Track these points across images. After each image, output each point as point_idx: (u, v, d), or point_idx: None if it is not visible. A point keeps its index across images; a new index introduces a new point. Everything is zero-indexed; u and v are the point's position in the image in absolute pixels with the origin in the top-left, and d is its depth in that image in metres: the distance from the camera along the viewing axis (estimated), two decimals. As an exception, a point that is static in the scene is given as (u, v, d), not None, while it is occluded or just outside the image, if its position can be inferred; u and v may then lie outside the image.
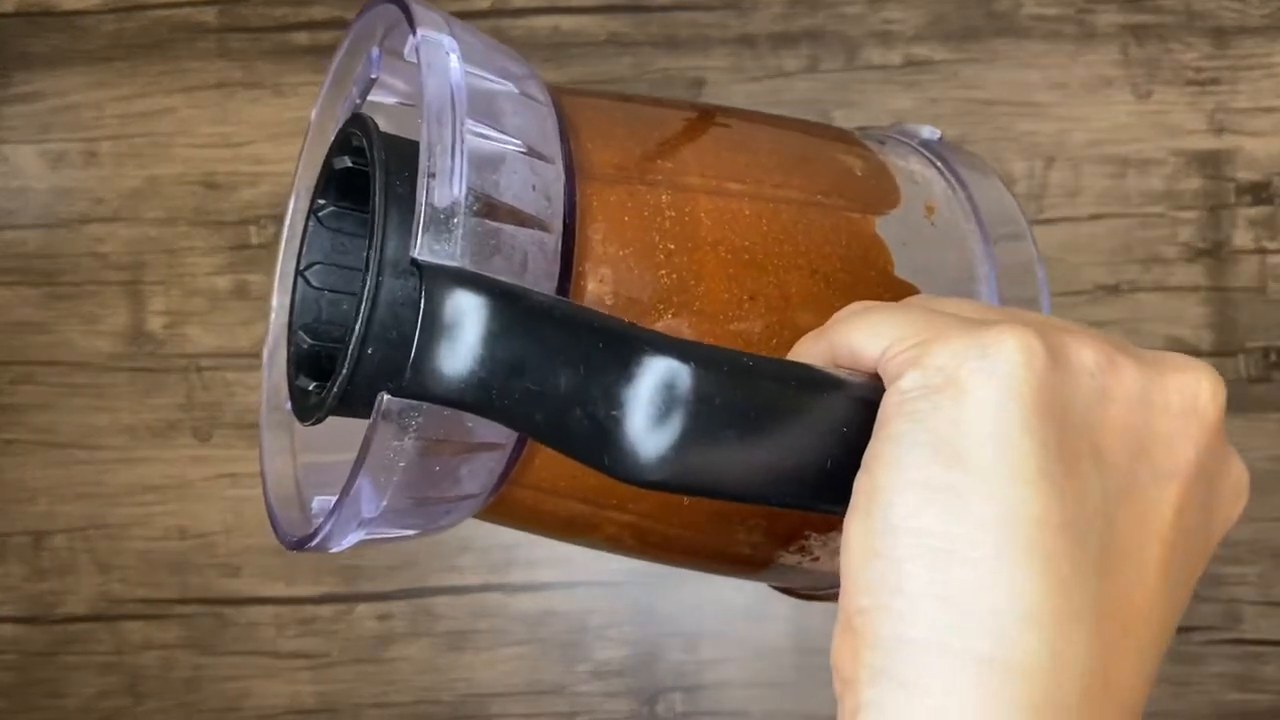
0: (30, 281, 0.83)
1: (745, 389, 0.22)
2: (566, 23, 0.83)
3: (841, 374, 0.23)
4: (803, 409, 0.22)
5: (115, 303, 0.83)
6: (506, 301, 0.22)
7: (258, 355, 0.83)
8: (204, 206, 0.83)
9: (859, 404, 0.23)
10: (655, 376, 0.21)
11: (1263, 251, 0.80)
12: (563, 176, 0.27)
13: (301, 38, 0.83)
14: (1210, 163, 0.81)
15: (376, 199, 0.25)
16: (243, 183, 0.83)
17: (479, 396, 0.22)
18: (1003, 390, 0.21)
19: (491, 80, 0.26)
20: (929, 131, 0.37)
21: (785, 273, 0.28)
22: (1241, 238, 0.80)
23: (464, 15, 0.83)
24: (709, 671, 0.80)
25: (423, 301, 0.22)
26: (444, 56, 0.25)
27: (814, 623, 0.80)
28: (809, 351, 0.25)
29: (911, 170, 0.33)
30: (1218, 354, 0.80)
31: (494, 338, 0.21)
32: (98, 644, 0.82)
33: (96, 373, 0.83)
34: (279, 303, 0.38)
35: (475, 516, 0.35)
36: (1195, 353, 0.79)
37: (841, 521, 0.24)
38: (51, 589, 0.82)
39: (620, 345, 0.21)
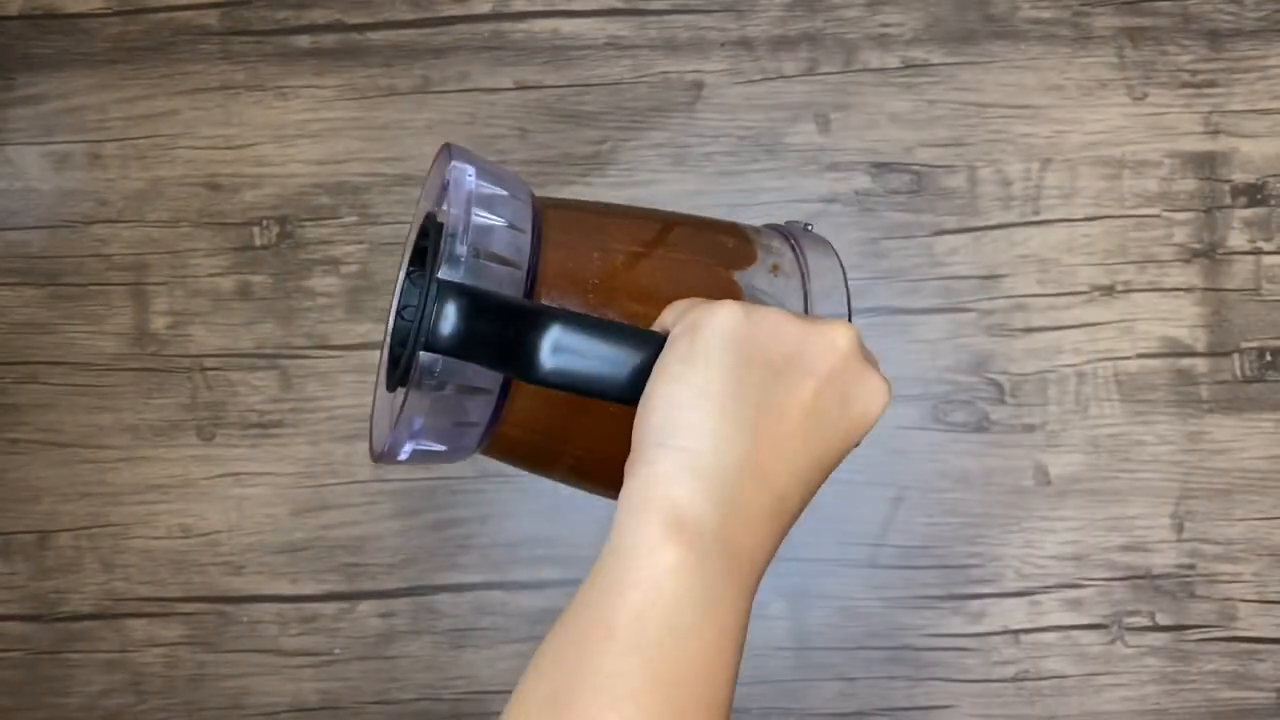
0: (34, 282, 0.84)
1: (593, 335, 0.40)
2: (566, 26, 0.83)
3: (645, 330, 0.42)
4: (624, 343, 0.40)
5: (119, 303, 0.83)
6: (475, 297, 0.40)
7: (261, 355, 0.84)
8: (207, 208, 0.83)
9: (656, 342, 0.41)
10: (548, 330, 0.40)
11: (1257, 252, 0.81)
12: (529, 240, 0.47)
13: (303, 41, 0.84)
14: (1205, 164, 0.81)
15: (431, 258, 0.46)
16: (245, 184, 0.83)
17: (461, 347, 0.39)
18: (716, 329, 0.39)
19: (494, 189, 0.47)
20: (802, 224, 0.57)
21: (668, 299, 0.45)
22: (1236, 239, 0.81)
23: (466, 20, 0.84)
24: (708, 669, 0.80)
25: (434, 295, 0.39)
26: (465, 178, 0.47)
27: (813, 622, 0.80)
28: (654, 323, 0.44)
29: (771, 245, 0.54)
30: (1213, 354, 0.80)
31: (468, 315, 0.39)
32: (101, 642, 0.82)
33: (100, 373, 0.83)
34: (386, 339, 0.56)
35: (484, 454, 0.51)
36: (1190, 353, 0.80)
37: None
38: (56, 587, 0.83)
39: (533, 315, 0.40)
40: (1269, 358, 0.80)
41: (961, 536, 0.80)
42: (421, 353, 0.42)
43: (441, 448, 0.47)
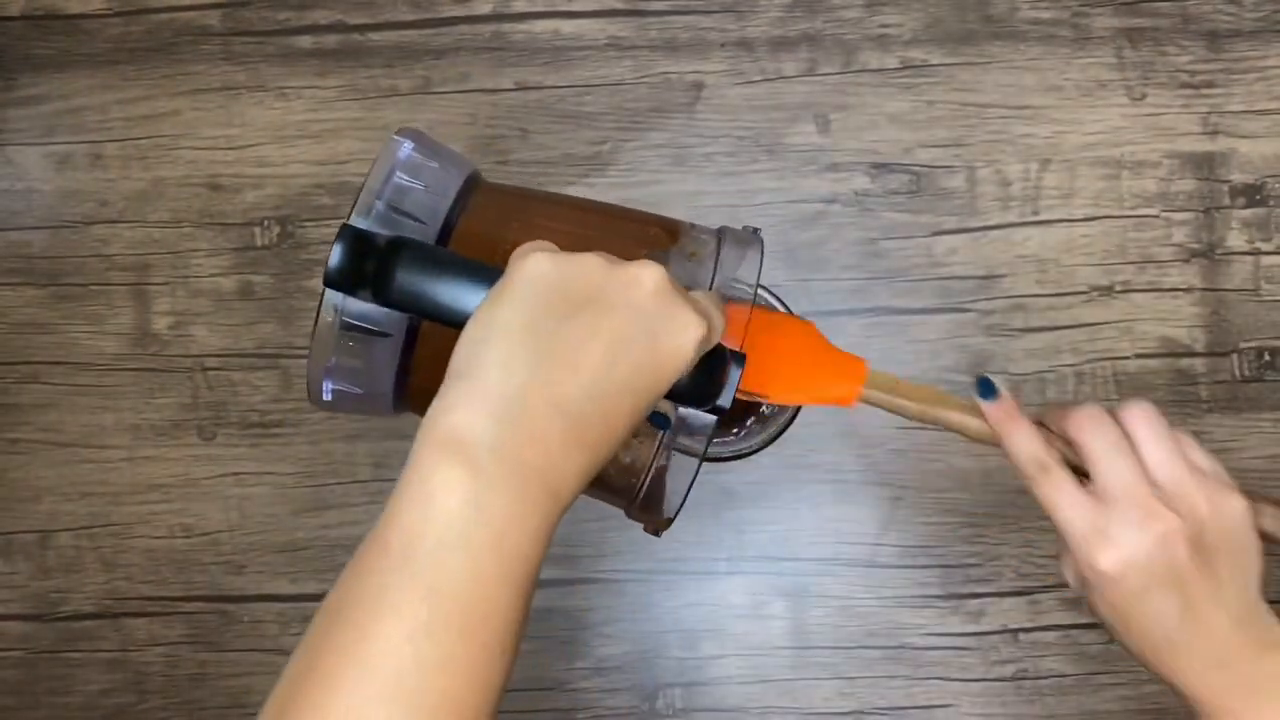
0: (36, 282, 0.84)
1: (442, 265, 0.44)
2: (567, 27, 0.84)
3: (493, 267, 0.44)
4: (471, 276, 0.44)
5: (120, 303, 0.84)
6: (356, 236, 0.44)
7: (262, 355, 0.84)
8: (208, 208, 0.84)
9: (490, 275, 0.44)
10: (403, 255, 0.44)
11: (1256, 253, 0.81)
12: (447, 205, 0.53)
13: (305, 41, 0.84)
14: (1204, 165, 0.81)
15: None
16: (247, 185, 0.84)
17: (341, 279, 0.44)
18: (522, 271, 0.41)
19: (424, 160, 0.53)
20: (751, 229, 0.58)
21: None
22: (1235, 239, 0.81)
23: (466, 20, 0.84)
24: (708, 668, 0.81)
25: (335, 240, 0.44)
26: (401, 148, 0.53)
27: (811, 622, 0.80)
28: None
29: (699, 238, 0.56)
30: (1211, 354, 0.80)
31: (349, 252, 0.44)
32: (103, 641, 0.82)
33: (101, 373, 0.83)
34: None
35: (412, 410, 0.54)
36: (1189, 353, 0.80)
37: None
38: (57, 587, 0.83)
39: (395, 245, 0.44)
40: (1268, 358, 0.80)
41: (960, 536, 0.80)
42: (328, 292, 0.47)
43: (358, 390, 0.51)
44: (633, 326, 0.41)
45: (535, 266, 0.41)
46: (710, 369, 0.45)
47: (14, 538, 0.83)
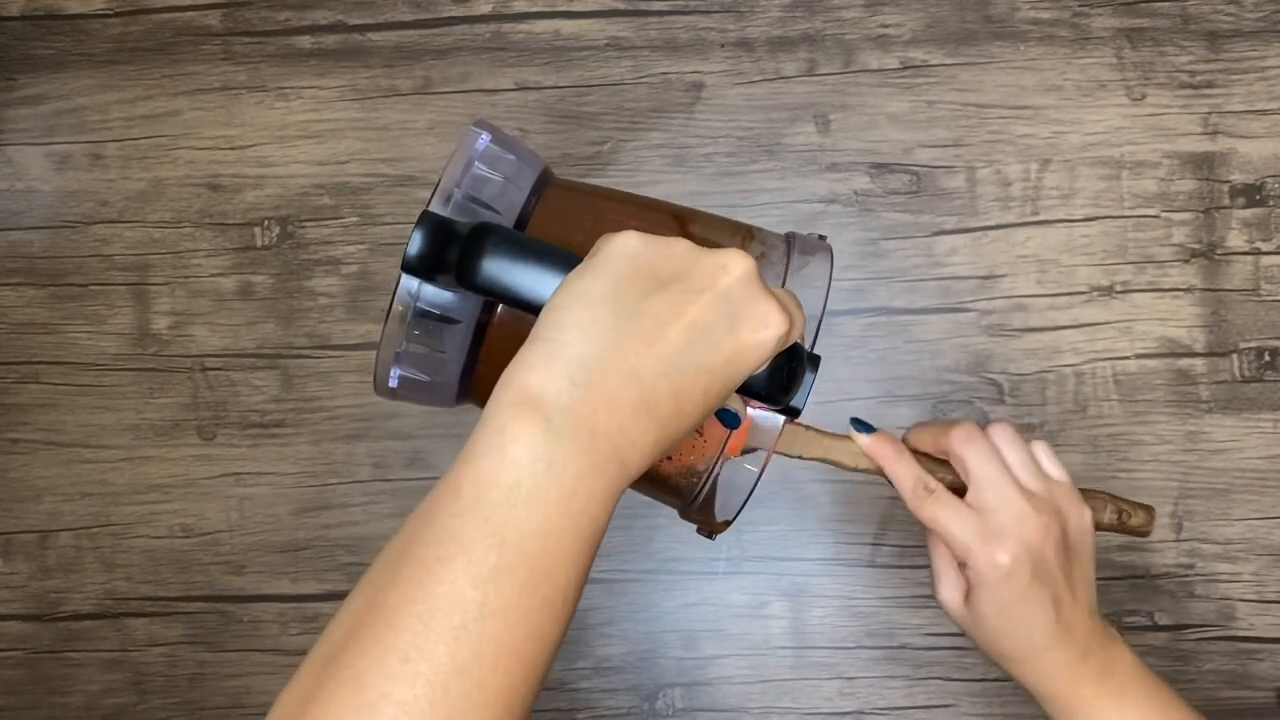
0: (36, 282, 0.84)
1: (525, 251, 0.44)
2: (567, 27, 0.84)
3: (570, 252, 0.44)
4: (555, 262, 0.43)
5: (120, 303, 0.84)
6: (438, 222, 0.45)
7: (262, 355, 0.84)
8: (208, 208, 0.84)
9: (576, 263, 0.44)
10: (487, 242, 0.44)
11: (1256, 253, 0.81)
12: (523, 198, 0.53)
13: (305, 41, 0.84)
14: (1204, 165, 0.81)
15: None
16: (247, 185, 0.84)
17: (421, 265, 0.44)
18: (612, 247, 0.41)
19: (502, 153, 0.53)
20: (817, 235, 0.59)
21: None
22: (1235, 239, 0.81)
23: (466, 20, 0.84)
24: (708, 668, 0.81)
25: (416, 225, 0.45)
26: (479, 139, 0.53)
27: (812, 621, 0.80)
28: None
29: (768, 239, 0.57)
30: (1211, 354, 0.80)
31: (430, 237, 0.44)
32: (102, 641, 0.82)
33: (102, 373, 0.83)
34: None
35: (473, 402, 0.55)
36: (1189, 353, 0.80)
37: None
38: (57, 587, 0.83)
39: (477, 231, 0.44)
40: (1267, 358, 0.80)
41: (961, 536, 0.80)
42: (403, 277, 0.48)
43: (425, 377, 0.52)
44: (715, 310, 0.41)
45: (624, 243, 0.41)
46: (786, 367, 0.45)
47: (14, 538, 0.83)
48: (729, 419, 0.53)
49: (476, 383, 0.54)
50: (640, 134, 0.83)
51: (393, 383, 0.52)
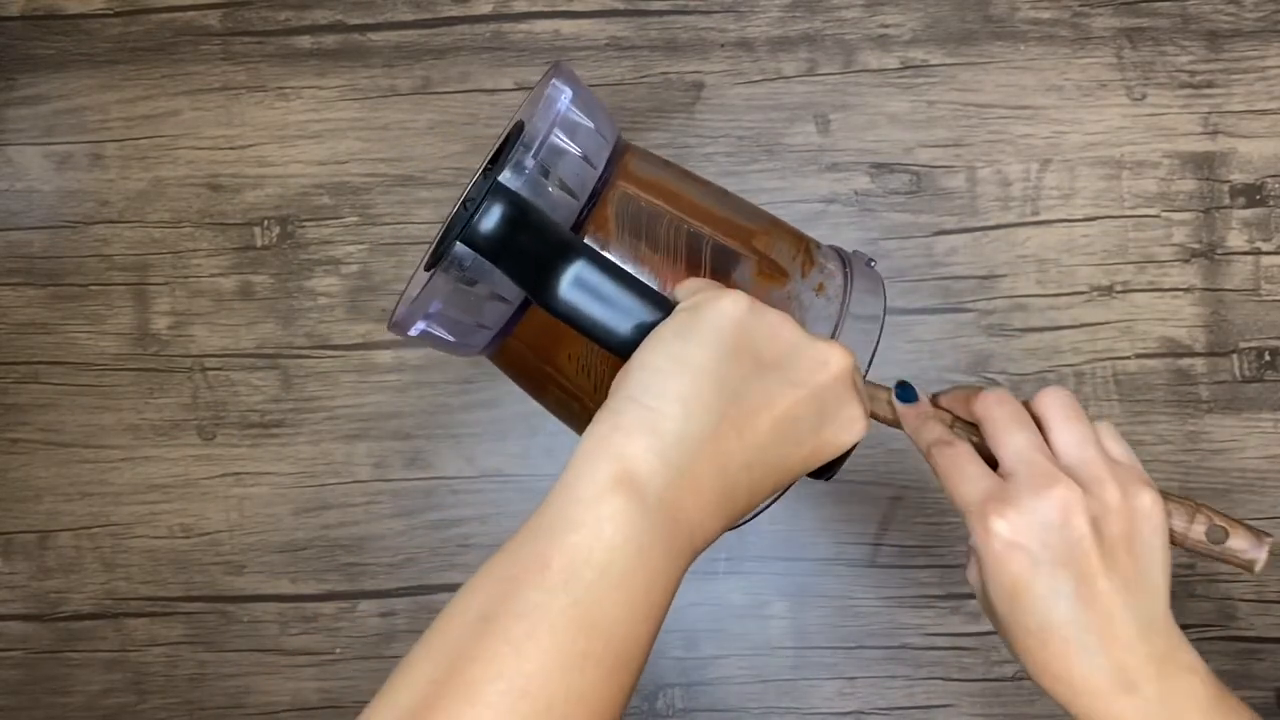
0: (36, 282, 0.84)
1: (614, 283, 0.42)
2: (567, 27, 0.84)
3: (659, 294, 0.43)
4: (637, 300, 0.42)
5: (120, 303, 0.84)
6: (521, 208, 0.41)
7: (262, 355, 0.84)
8: (208, 208, 0.84)
9: (666, 308, 0.42)
10: (574, 264, 0.42)
11: (1256, 253, 0.81)
12: (597, 177, 0.49)
13: (305, 41, 0.84)
14: (1204, 165, 0.81)
15: (501, 160, 0.48)
16: (247, 185, 0.84)
17: (493, 249, 0.41)
18: (718, 311, 0.40)
19: (581, 119, 0.48)
20: (866, 258, 0.58)
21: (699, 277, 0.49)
22: (1235, 239, 0.81)
23: (466, 20, 0.84)
24: (708, 668, 0.80)
25: (485, 195, 0.41)
26: (560, 98, 0.48)
27: (812, 621, 0.80)
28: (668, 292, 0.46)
29: (826, 266, 0.55)
30: (1211, 354, 0.80)
31: (508, 221, 0.41)
32: (102, 641, 0.82)
33: (101, 373, 0.83)
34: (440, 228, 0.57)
35: (490, 359, 0.53)
36: (1189, 353, 0.80)
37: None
38: (56, 587, 0.83)
39: (566, 245, 0.42)
40: (1268, 358, 0.80)
41: (960, 536, 0.80)
42: (459, 244, 0.44)
43: (450, 338, 0.49)
44: (806, 408, 0.40)
45: (731, 309, 0.40)
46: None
47: (14, 538, 0.83)
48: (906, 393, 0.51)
49: (503, 349, 0.52)
50: (640, 134, 0.83)
51: (413, 332, 0.49)
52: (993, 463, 0.47)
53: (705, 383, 0.39)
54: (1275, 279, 0.81)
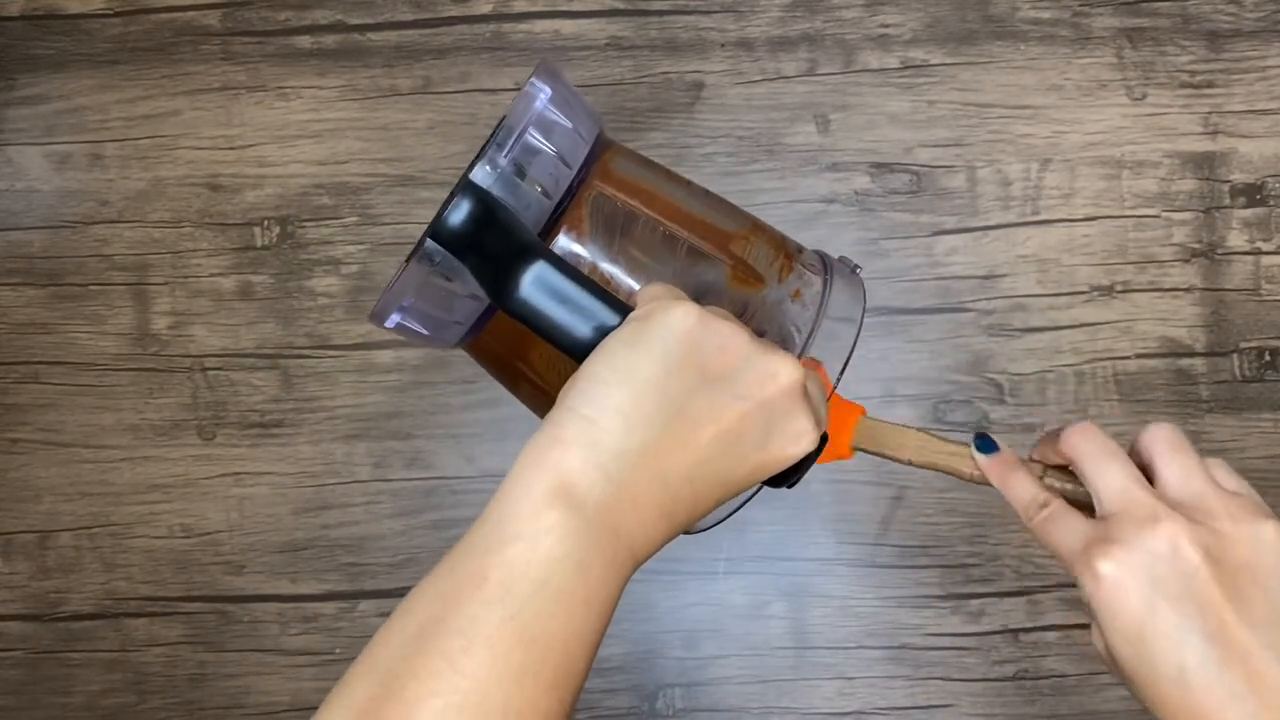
0: (36, 282, 0.84)
1: (570, 288, 0.42)
2: (567, 27, 0.84)
3: (617, 299, 0.42)
4: (595, 305, 0.42)
5: (120, 303, 0.84)
6: (488, 206, 0.42)
7: (261, 355, 0.84)
8: (208, 208, 0.84)
9: (622, 315, 0.42)
10: (533, 266, 0.42)
11: (1257, 253, 0.81)
12: (572, 176, 0.49)
13: (305, 41, 0.84)
14: (1205, 165, 0.81)
15: (474, 158, 0.48)
16: (247, 185, 0.84)
17: (457, 245, 0.41)
18: (666, 323, 0.40)
19: (558, 118, 0.49)
20: (852, 265, 0.57)
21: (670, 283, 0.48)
22: (1236, 239, 0.81)
23: (466, 20, 0.84)
24: (708, 668, 0.80)
25: (456, 191, 0.41)
26: (539, 96, 0.49)
27: (812, 621, 0.80)
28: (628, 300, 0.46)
29: (805, 273, 0.54)
30: (1212, 354, 0.80)
31: (474, 219, 0.41)
32: (102, 641, 0.82)
33: (101, 373, 0.83)
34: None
35: (465, 350, 0.54)
36: (1190, 353, 0.80)
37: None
38: (56, 587, 0.83)
39: (527, 247, 0.42)
40: (1268, 357, 0.80)
41: (960, 536, 0.80)
42: (429, 240, 0.45)
43: (424, 331, 0.50)
44: (752, 422, 0.40)
45: (681, 320, 0.40)
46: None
47: (14, 538, 0.83)
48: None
49: (477, 346, 0.53)
50: (640, 134, 0.83)
51: (389, 324, 0.50)
52: (1092, 512, 0.45)
53: (648, 395, 0.39)
54: (1275, 279, 0.81)
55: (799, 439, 0.41)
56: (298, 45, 0.84)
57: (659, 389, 0.39)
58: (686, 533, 0.56)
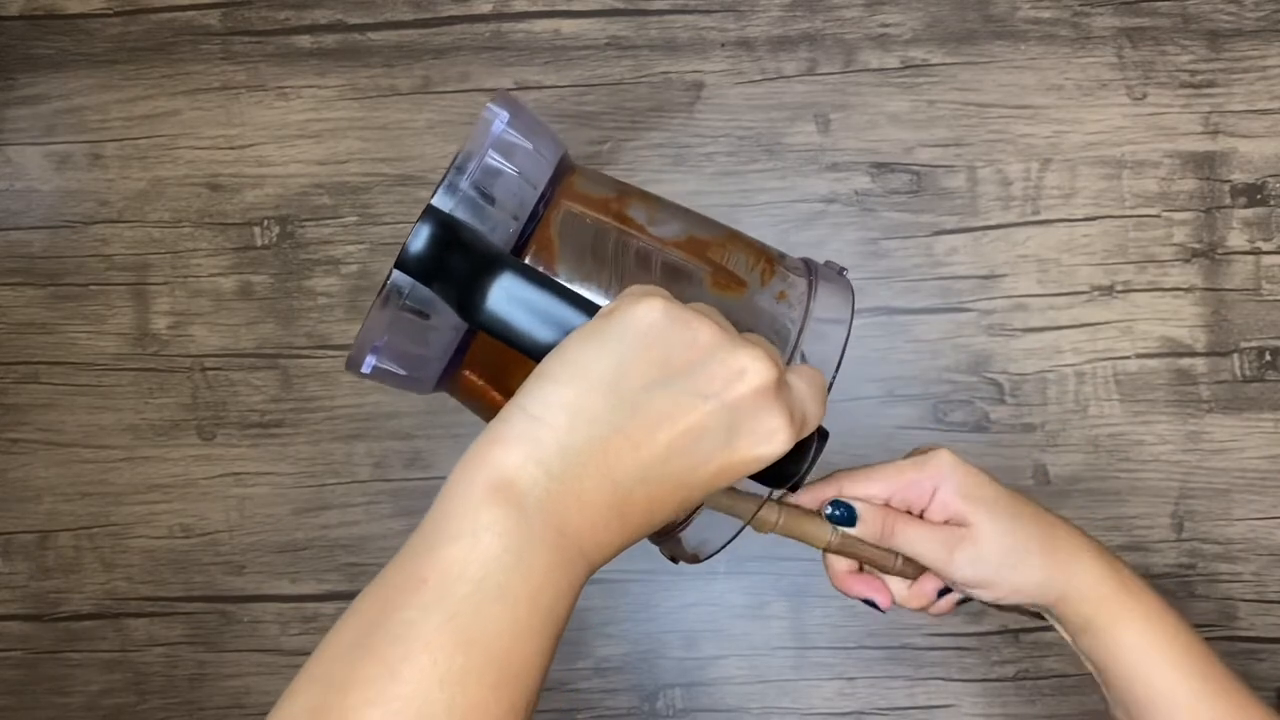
0: (35, 282, 0.84)
1: (539, 295, 0.41)
2: (567, 26, 0.84)
3: (588, 301, 0.41)
4: (568, 309, 0.41)
5: (120, 303, 0.84)
6: (448, 228, 0.41)
7: (261, 355, 0.84)
8: (208, 208, 0.84)
9: (589, 314, 0.41)
10: (500, 277, 0.41)
11: (1257, 252, 0.81)
12: (537, 196, 0.49)
13: (305, 41, 0.84)
14: (1205, 164, 0.81)
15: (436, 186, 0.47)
16: (246, 185, 0.84)
17: (422, 270, 0.41)
18: (628, 316, 0.38)
19: (518, 140, 0.49)
20: (838, 267, 0.57)
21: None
22: (1236, 239, 0.81)
23: (466, 20, 0.84)
24: (708, 668, 0.80)
25: (419, 220, 0.41)
26: (496, 121, 0.49)
27: (812, 622, 0.80)
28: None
29: (789, 275, 0.54)
30: (1212, 354, 0.80)
31: (436, 242, 0.41)
32: (102, 641, 0.82)
33: (101, 373, 0.83)
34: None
35: (447, 392, 0.53)
36: (1190, 352, 0.80)
37: None
38: (56, 587, 0.83)
39: (491, 259, 0.41)
40: (1268, 357, 0.80)
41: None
42: (396, 273, 0.44)
43: (401, 371, 0.49)
44: (714, 421, 0.38)
45: (644, 313, 0.38)
46: (792, 453, 0.41)
47: (13, 538, 0.83)
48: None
49: (458, 382, 0.52)
50: (640, 133, 0.83)
51: (365, 369, 0.49)
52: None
53: (598, 391, 0.37)
54: (1276, 279, 0.80)
55: (772, 438, 0.38)
56: (297, 45, 0.84)
57: (610, 385, 0.37)
58: (692, 562, 0.56)
